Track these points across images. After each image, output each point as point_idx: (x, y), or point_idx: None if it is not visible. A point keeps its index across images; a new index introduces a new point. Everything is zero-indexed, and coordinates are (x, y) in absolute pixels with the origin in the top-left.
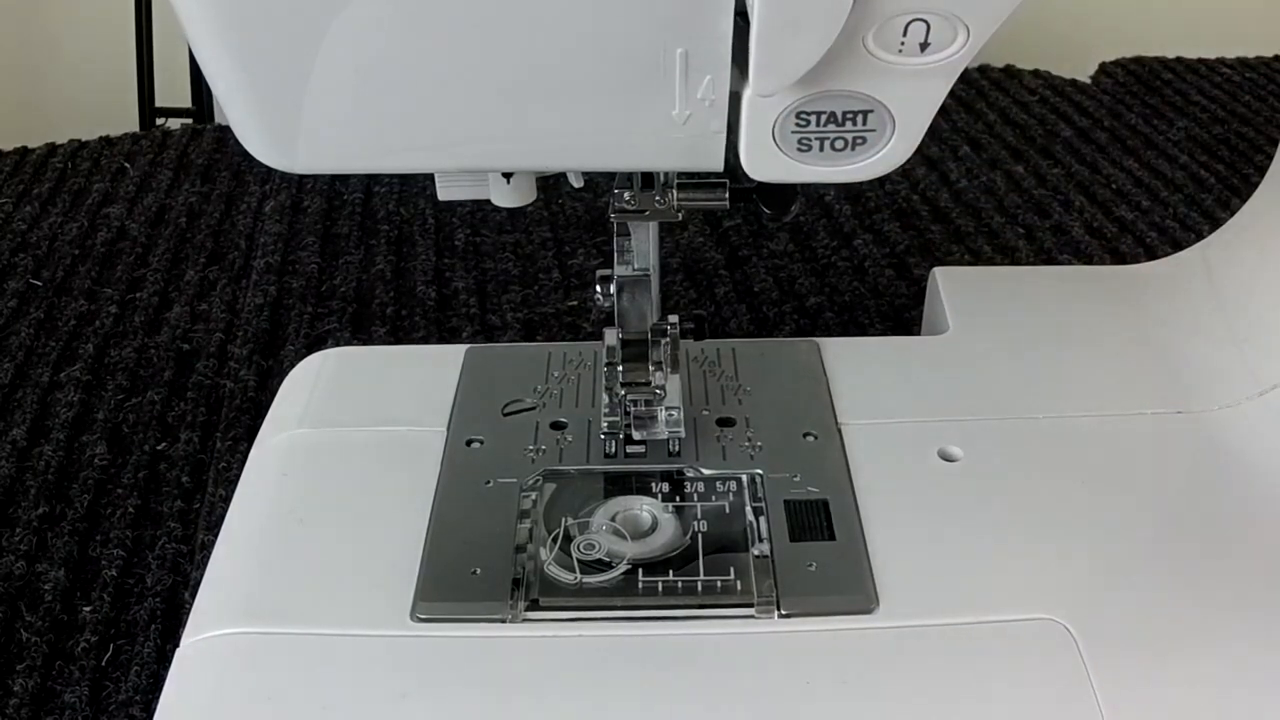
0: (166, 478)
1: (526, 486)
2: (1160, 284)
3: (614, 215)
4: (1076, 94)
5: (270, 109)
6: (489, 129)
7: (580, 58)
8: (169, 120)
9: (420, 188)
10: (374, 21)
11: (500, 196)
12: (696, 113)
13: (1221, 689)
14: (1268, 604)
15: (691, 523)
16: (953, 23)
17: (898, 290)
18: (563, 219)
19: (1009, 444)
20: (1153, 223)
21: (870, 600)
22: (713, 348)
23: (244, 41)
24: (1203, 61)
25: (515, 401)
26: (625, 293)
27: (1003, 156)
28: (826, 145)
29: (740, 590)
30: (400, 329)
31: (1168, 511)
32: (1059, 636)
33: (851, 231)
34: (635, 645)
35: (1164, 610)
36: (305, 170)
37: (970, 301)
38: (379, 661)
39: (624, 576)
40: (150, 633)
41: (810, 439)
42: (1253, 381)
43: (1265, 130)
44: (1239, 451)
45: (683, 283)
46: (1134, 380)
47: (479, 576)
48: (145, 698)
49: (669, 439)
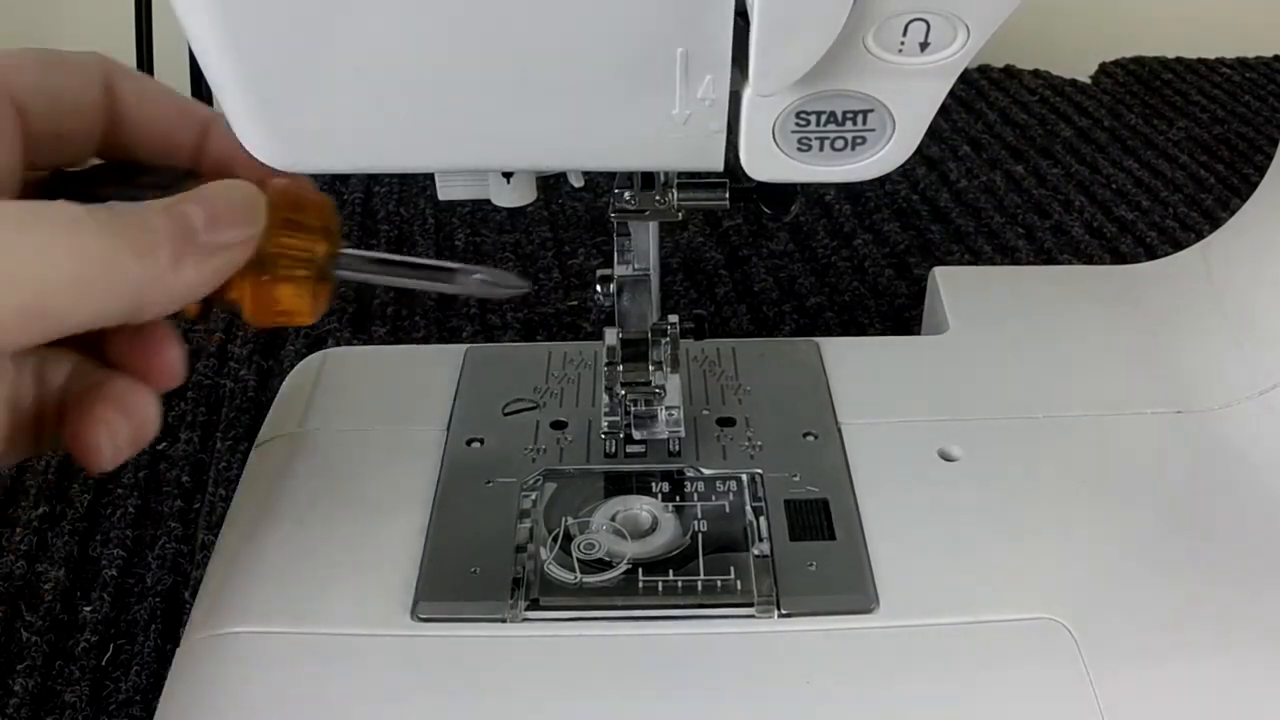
0: (166, 478)
1: (527, 486)
2: (1160, 284)
3: (614, 215)
4: (1076, 94)
5: (270, 108)
6: (489, 128)
7: (580, 57)
8: None
9: (420, 188)
10: (374, 21)
11: (500, 196)
12: (697, 112)
13: (1221, 689)
14: (1268, 604)
15: (691, 522)
16: (953, 22)
17: (898, 290)
18: (563, 219)
19: (1009, 444)
20: (1153, 223)
21: (870, 600)
22: (713, 347)
23: (244, 41)
24: (1203, 61)
25: (515, 401)
26: (625, 292)
27: (1003, 156)
28: (826, 145)
29: (740, 590)
30: (400, 329)
31: (1168, 511)
32: (1059, 636)
33: (851, 231)
34: (635, 645)
35: (1164, 610)
36: (305, 170)
37: (970, 301)
38: (379, 661)
39: (624, 576)
40: (150, 632)
41: (810, 438)
42: (1253, 381)
43: (1265, 130)
44: (1239, 451)
45: (683, 282)
46: (1134, 380)
47: (479, 576)
48: (145, 697)
49: (669, 439)
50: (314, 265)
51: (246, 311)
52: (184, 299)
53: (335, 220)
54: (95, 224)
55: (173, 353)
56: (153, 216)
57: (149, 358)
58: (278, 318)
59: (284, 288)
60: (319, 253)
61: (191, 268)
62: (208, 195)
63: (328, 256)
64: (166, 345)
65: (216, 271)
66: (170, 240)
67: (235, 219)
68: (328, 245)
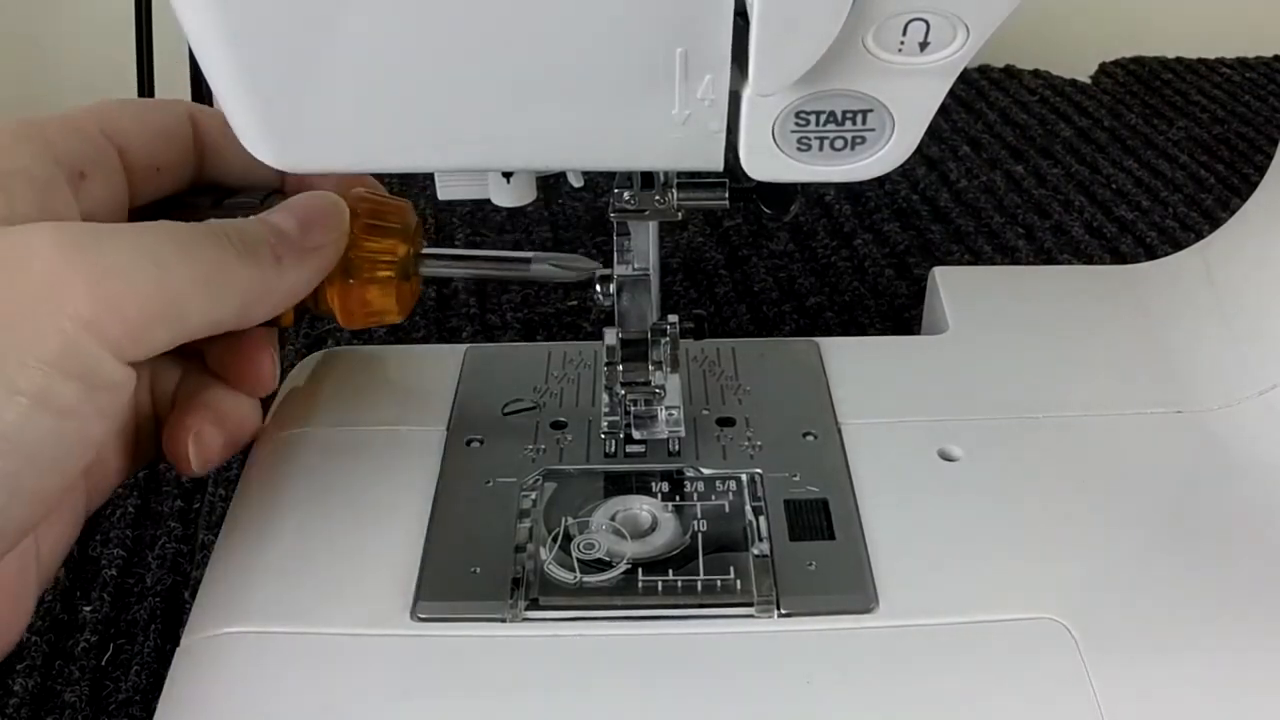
0: (166, 477)
1: (526, 486)
2: (1160, 284)
3: (614, 215)
4: (1076, 94)
5: (271, 108)
6: (489, 129)
7: (580, 57)
8: None
9: (420, 188)
10: (375, 21)
11: (500, 196)
12: (696, 112)
13: (1222, 689)
14: (1268, 604)
15: (691, 522)
16: (952, 22)
17: (898, 290)
18: (563, 219)
19: (1009, 444)
20: (1153, 223)
21: (870, 599)
22: (712, 347)
23: (244, 41)
24: (1203, 61)
25: (515, 401)
26: (625, 292)
27: (1003, 156)
28: (826, 145)
29: (740, 589)
30: (400, 329)
31: (1168, 511)
32: (1059, 636)
33: (851, 231)
34: (635, 644)
35: (1164, 610)
36: (306, 170)
37: (970, 301)
38: (379, 661)
39: (624, 576)
40: (150, 632)
41: (810, 438)
42: (1253, 381)
43: (1265, 130)
44: (1239, 451)
45: (682, 282)
46: (1134, 380)
47: (479, 576)
48: (145, 697)
49: (669, 438)
50: (397, 266)
51: (339, 316)
52: (286, 300)
53: (415, 220)
54: (203, 236)
55: (267, 360)
56: (251, 228)
57: (244, 365)
58: (369, 319)
59: (371, 289)
60: (400, 253)
61: (291, 269)
62: (295, 205)
63: (410, 256)
64: (261, 352)
65: (315, 271)
66: (269, 245)
67: (324, 222)
68: (409, 246)
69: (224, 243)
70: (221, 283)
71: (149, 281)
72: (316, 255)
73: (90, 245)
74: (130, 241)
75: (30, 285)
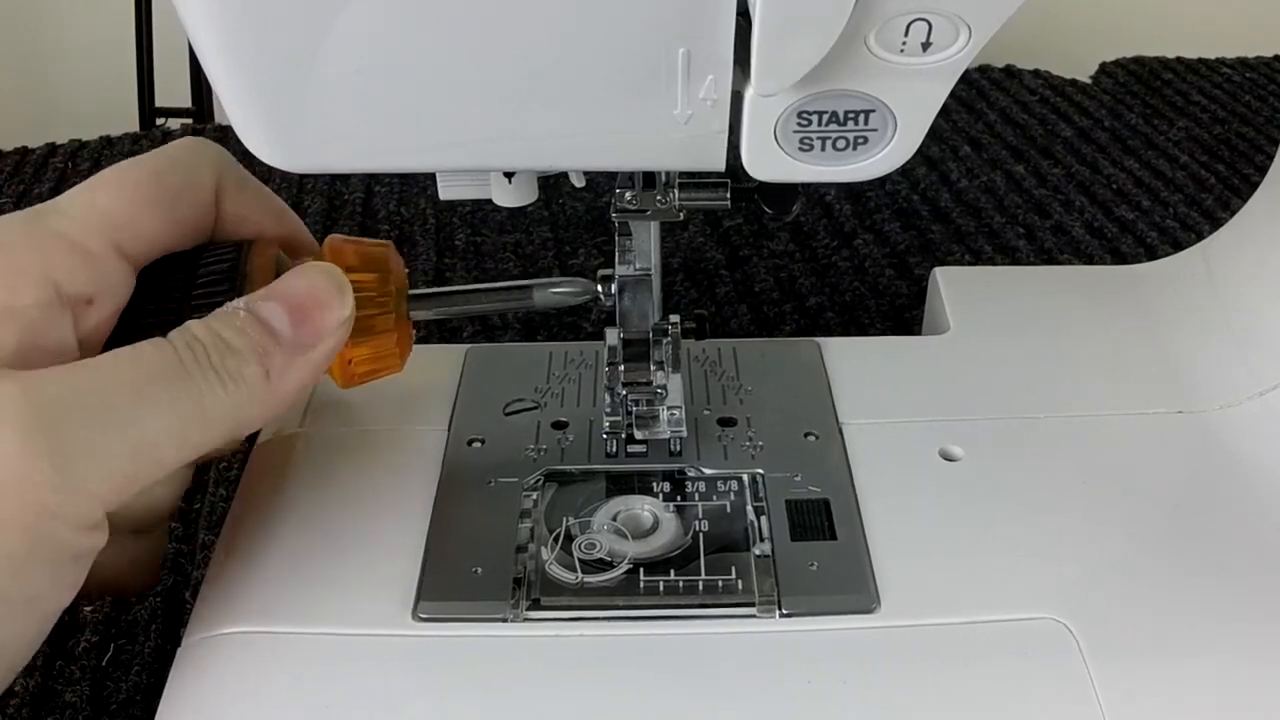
0: None
1: (528, 486)
2: (1160, 284)
3: (615, 215)
4: (1076, 94)
5: (271, 108)
6: (490, 129)
7: (582, 57)
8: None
9: (421, 188)
10: (375, 21)
11: (501, 196)
12: (698, 112)
13: (1221, 689)
14: (1268, 604)
15: (693, 522)
16: (955, 23)
17: (898, 290)
18: (563, 219)
19: (1009, 444)
20: (1153, 223)
21: (871, 600)
22: (714, 347)
23: (245, 40)
24: (1203, 61)
25: (516, 401)
26: (626, 292)
27: (1003, 156)
28: (828, 145)
29: (741, 590)
30: None
31: (1168, 511)
32: (1059, 636)
33: (852, 231)
34: (636, 645)
35: (1164, 610)
36: (306, 170)
37: (971, 301)
38: (379, 661)
39: (625, 576)
40: (150, 633)
41: (811, 438)
42: (1253, 381)
43: (1265, 130)
44: (1239, 451)
45: (684, 282)
46: (1134, 380)
47: (480, 576)
48: (146, 697)
49: (670, 438)
50: (390, 318)
51: (336, 380)
52: (286, 406)
53: (399, 263)
54: (177, 376)
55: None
56: (235, 339)
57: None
58: (368, 377)
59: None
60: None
61: (286, 379)
62: (286, 291)
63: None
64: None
65: (314, 372)
66: (256, 357)
67: (319, 309)
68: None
69: (202, 374)
70: (202, 424)
71: (120, 455)
72: (315, 353)
73: (56, 422)
74: (98, 405)
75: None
